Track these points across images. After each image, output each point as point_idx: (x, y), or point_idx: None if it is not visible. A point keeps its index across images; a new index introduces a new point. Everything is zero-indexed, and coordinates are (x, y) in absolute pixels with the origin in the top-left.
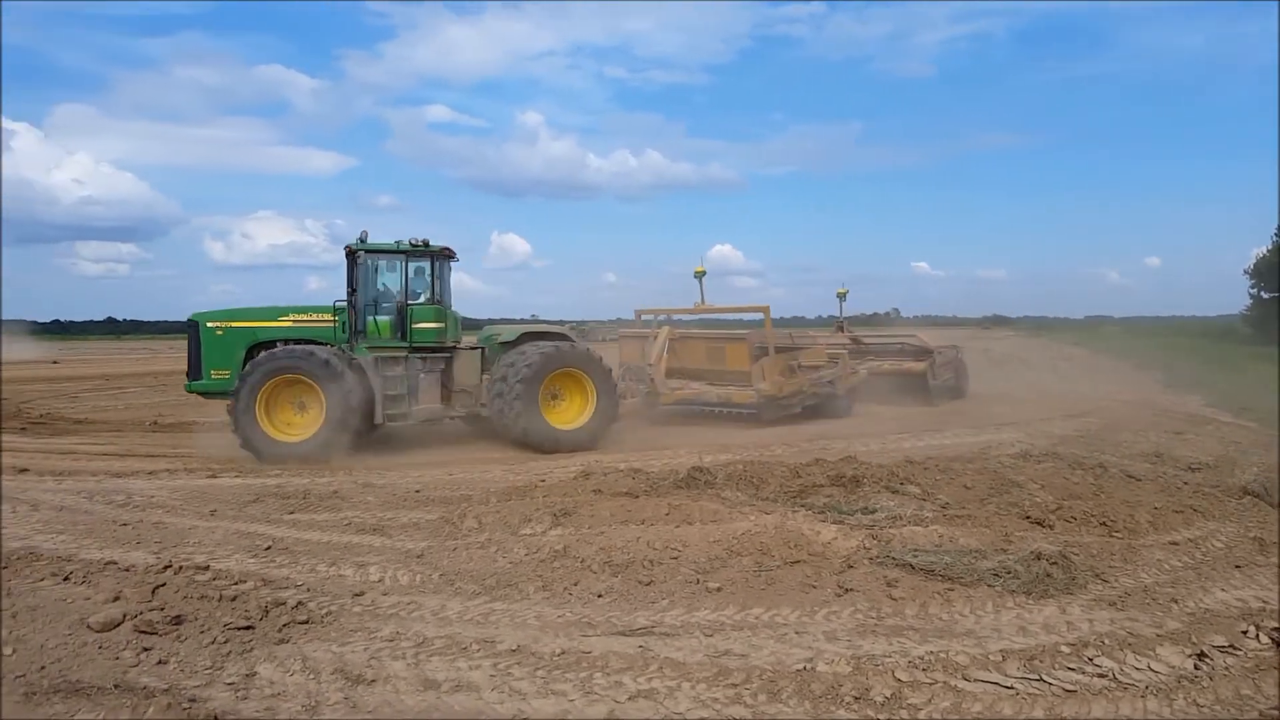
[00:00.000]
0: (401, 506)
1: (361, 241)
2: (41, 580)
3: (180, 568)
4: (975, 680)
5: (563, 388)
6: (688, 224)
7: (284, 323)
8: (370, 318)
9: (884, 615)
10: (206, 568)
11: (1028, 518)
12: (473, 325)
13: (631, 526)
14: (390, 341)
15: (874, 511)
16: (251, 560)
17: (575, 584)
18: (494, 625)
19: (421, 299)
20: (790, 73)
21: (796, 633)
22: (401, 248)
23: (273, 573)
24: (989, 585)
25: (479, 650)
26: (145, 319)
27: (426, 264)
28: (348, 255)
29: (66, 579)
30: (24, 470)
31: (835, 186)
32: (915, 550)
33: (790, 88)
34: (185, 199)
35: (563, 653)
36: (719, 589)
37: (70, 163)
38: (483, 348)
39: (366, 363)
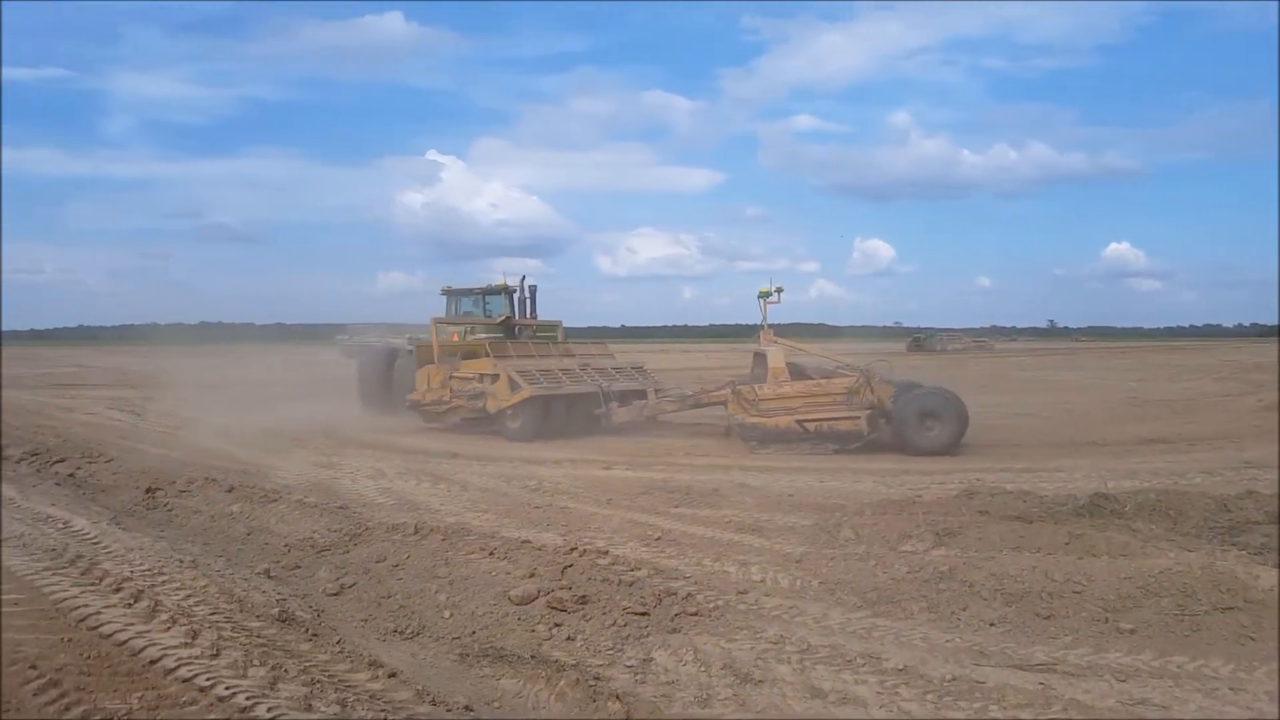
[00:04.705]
0: (776, 509)
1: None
2: (472, 554)
3: (584, 551)
4: None
5: None
6: (1076, 221)
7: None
8: None
9: None
10: (606, 553)
11: None
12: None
13: (1025, 554)
14: None
15: None
16: (644, 549)
17: (964, 609)
18: (878, 641)
19: None
20: (1202, 47)
21: (1230, 689)
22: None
23: (663, 562)
24: None
25: (864, 665)
26: None
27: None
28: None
29: (491, 554)
30: (455, 455)
31: (1261, 173)
32: None
33: (1203, 64)
34: (580, 218)
35: (954, 679)
36: (1132, 631)
37: (487, 190)
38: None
39: None
